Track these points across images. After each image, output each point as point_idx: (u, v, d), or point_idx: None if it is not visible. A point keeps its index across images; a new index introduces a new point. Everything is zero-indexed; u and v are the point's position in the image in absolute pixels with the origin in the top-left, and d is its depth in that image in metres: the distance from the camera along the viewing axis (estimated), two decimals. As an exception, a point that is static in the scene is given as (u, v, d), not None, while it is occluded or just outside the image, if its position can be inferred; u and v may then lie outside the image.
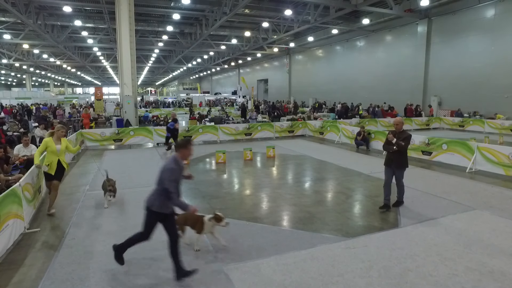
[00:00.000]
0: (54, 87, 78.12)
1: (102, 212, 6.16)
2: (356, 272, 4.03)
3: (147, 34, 32.16)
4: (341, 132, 14.73)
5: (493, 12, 19.22)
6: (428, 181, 8.18)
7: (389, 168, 6.13)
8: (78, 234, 5.17)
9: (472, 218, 5.71)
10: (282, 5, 23.03)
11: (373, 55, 28.18)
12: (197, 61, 50.27)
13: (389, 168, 6.14)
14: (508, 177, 8.39)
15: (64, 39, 29.70)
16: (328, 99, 32.27)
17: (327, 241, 4.87)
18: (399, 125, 6.10)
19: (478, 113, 20.06)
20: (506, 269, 4.08)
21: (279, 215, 6.05)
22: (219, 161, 10.50)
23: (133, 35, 18.73)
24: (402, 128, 6.11)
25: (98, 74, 64.96)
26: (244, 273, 4.02)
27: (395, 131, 6.12)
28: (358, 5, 18.97)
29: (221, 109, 30.14)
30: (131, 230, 5.21)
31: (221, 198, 7.00)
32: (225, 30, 30.72)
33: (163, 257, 4.38)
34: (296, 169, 9.98)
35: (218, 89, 70.31)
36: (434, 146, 10.59)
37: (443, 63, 22.08)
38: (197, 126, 15.59)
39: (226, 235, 5.06)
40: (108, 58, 44.05)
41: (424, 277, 3.92)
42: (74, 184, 8.23)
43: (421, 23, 23.06)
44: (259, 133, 15.97)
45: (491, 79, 19.32)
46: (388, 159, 6.20)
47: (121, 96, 19.46)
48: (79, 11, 24.45)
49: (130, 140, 14.24)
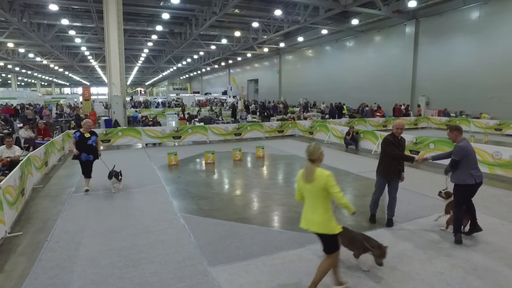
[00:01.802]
0: (41, 87, 76.69)
1: (88, 214, 6.05)
2: (345, 273, 4.02)
3: (136, 33, 31.83)
4: (330, 131, 14.80)
5: (477, 14, 19.60)
6: (415, 180, 8.26)
7: (385, 179, 5.45)
8: (63, 237, 5.05)
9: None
10: (272, 5, 23.06)
11: (362, 56, 28.43)
12: (187, 61, 49.98)
13: (384, 179, 5.46)
14: (492, 175, 8.53)
15: (50, 38, 29.16)
16: (318, 99, 32.46)
17: (315, 241, 4.81)
18: (402, 130, 5.41)
19: (464, 113, 20.43)
20: (490, 265, 4.14)
21: (268, 215, 6.03)
22: (208, 162, 10.44)
23: (122, 34, 18.49)
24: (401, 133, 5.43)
25: (86, 74, 64.04)
26: (231, 274, 3.99)
27: (396, 136, 5.39)
28: (347, 5, 19.12)
29: (211, 109, 29.99)
30: (117, 233, 5.17)
31: (210, 199, 6.94)
32: (215, 30, 30.62)
33: (150, 260, 4.32)
34: (285, 169, 9.99)
35: (209, 89, 70.07)
36: (422, 145, 10.71)
37: (431, 64, 22.41)
38: (186, 127, 15.47)
39: (213, 236, 5.03)
40: (96, 57, 43.41)
41: (411, 276, 3.94)
42: (59, 186, 8.07)
43: (409, 24, 23.37)
44: (248, 133, 15.94)
45: (476, 80, 19.69)
46: (393, 169, 5.37)
47: (110, 96, 19.20)
48: (66, 9, 24.05)
49: (119, 141, 14.06)
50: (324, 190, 3.29)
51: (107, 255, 4.48)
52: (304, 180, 3.39)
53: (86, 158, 7.30)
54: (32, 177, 7.56)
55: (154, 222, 5.64)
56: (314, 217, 3.36)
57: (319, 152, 3.37)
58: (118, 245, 4.78)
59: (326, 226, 3.32)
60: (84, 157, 7.26)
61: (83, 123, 7.44)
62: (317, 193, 3.33)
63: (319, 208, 3.34)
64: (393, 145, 5.34)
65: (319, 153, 3.36)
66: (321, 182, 3.28)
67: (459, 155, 4.73)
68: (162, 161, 10.67)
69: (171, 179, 8.67)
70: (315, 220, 3.34)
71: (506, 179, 8.36)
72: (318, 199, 3.33)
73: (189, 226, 5.42)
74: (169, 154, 10.29)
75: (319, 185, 3.29)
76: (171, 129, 14.87)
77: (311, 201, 3.40)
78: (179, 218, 5.83)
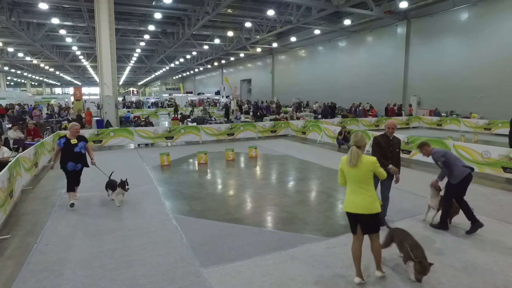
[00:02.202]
0: (31, 87, 75.60)
1: (79, 216, 5.98)
2: (336, 271, 4.05)
3: (128, 33, 31.57)
4: (323, 131, 14.86)
5: (466, 15, 19.88)
6: (406, 180, 8.31)
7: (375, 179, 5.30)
8: (53, 239, 4.98)
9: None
10: (265, 5, 23.07)
11: (354, 56, 28.62)
12: (179, 61, 49.76)
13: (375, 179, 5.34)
14: (481, 174, 8.66)
15: (41, 38, 28.76)
16: (311, 99, 32.57)
17: (307, 241, 4.88)
18: (394, 129, 5.28)
19: (454, 113, 20.70)
20: (480, 263, 4.20)
21: (260, 215, 6.03)
22: (201, 162, 10.40)
23: (113, 34, 18.34)
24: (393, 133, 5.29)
25: (78, 74, 63.35)
26: (223, 275, 3.97)
27: (387, 136, 5.28)
28: (340, 6, 19.22)
29: (204, 109, 29.88)
30: (109, 235, 5.12)
31: (202, 199, 6.92)
32: (207, 30, 30.51)
33: (141, 261, 4.29)
34: (278, 169, 10.00)
35: (201, 89, 69.84)
36: (413, 144, 10.82)
37: (422, 64, 22.66)
38: (179, 127, 15.40)
39: (206, 237, 5.02)
40: (88, 57, 42.96)
41: (402, 274, 3.97)
42: (50, 187, 7.97)
43: (401, 24, 23.58)
44: (241, 133, 15.93)
45: (466, 80, 19.97)
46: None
47: (101, 96, 19.02)
48: (56, 8, 23.72)
49: (110, 141, 13.93)
50: (369, 173, 3.64)
51: (98, 257, 4.43)
52: (349, 164, 3.68)
53: (73, 167, 6.32)
54: (21, 179, 7.45)
55: (146, 223, 5.60)
56: (359, 200, 3.65)
57: (364, 140, 3.74)
58: (109, 246, 4.73)
59: (372, 207, 3.63)
60: (70, 166, 6.27)
61: (69, 127, 6.53)
62: (362, 177, 3.64)
63: (364, 190, 3.64)
64: (379, 146, 5.24)
65: (364, 141, 3.73)
66: (367, 167, 3.63)
67: (440, 154, 5.21)
68: (155, 161, 10.60)
69: (163, 179, 8.61)
70: (360, 203, 3.64)
71: (494, 177, 8.50)
72: (363, 183, 3.65)
73: (181, 227, 5.39)
74: (161, 155, 10.23)
75: (365, 169, 3.63)
76: (163, 130, 14.79)
77: (355, 184, 3.69)
78: (171, 219, 5.79)
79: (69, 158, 6.27)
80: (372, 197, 3.65)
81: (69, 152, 6.27)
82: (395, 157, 5.29)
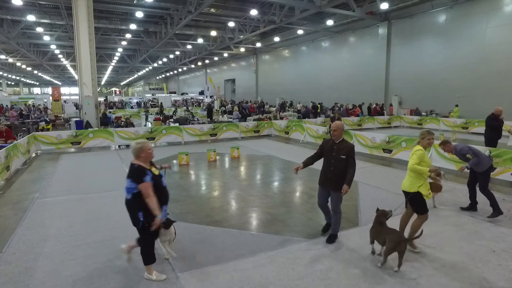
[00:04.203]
0: (7, 87, 72.95)
1: (52, 221, 5.72)
2: (315, 274, 4.00)
3: (109, 32, 30.90)
4: (306, 131, 14.89)
5: (444, 17, 20.39)
6: (388, 179, 8.43)
7: (325, 189, 4.77)
8: (21, 247, 4.73)
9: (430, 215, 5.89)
10: (248, 5, 22.99)
11: (337, 56, 28.90)
12: (163, 60, 49.10)
13: (324, 189, 4.79)
14: (460, 173, 8.81)
15: (16, 35, 27.71)
16: (295, 99, 32.70)
17: (287, 243, 4.81)
18: (338, 132, 4.64)
19: (434, 112, 21.17)
20: (457, 262, 4.23)
21: (241, 218, 5.93)
22: (182, 163, 10.21)
23: (93, 32, 17.82)
24: (341, 135, 4.68)
25: (57, 73, 61.53)
26: (200, 281, 3.86)
27: (333, 140, 4.69)
28: (322, 6, 19.35)
29: (187, 109, 29.53)
30: (82, 241, 4.92)
31: (182, 201, 6.76)
32: (191, 30, 30.21)
33: (115, 269, 4.12)
34: (261, 169, 9.92)
35: (185, 89, 69.19)
36: (394, 144, 10.95)
37: (403, 64, 23.08)
38: (160, 127, 15.12)
39: (183, 241, 4.87)
40: (68, 56, 41.77)
41: (382, 277, 3.95)
42: (22, 191, 7.62)
43: (382, 25, 23.95)
44: (224, 133, 15.78)
45: (445, 80, 20.47)
46: (323, 179, 4.75)
47: (81, 96, 18.47)
48: (32, 5, 22.91)
49: (90, 143, 13.52)
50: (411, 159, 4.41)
51: (70, 265, 4.23)
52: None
53: (165, 214, 4.08)
54: (-9, 183, 7.10)
55: (123, 228, 5.40)
56: (405, 180, 4.51)
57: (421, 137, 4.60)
58: (82, 253, 4.53)
59: (407, 186, 4.45)
60: (164, 213, 3.97)
61: (140, 148, 3.75)
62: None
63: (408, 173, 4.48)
64: (321, 148, 4.83)
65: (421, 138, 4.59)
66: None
67: (466, 147, 5.86)
68: (134, 163, 10.33)
69: (143, 182, 8.38)
70: (404, 182, 4.51)
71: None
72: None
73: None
74: (141, 156, 9.96)
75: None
76: (145, 130, 14.48)
77: None
78: (149, 223, 5.61)
79: (161, 199, 3.81)
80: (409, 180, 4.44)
81: (160, 190, 3.85)
82: (340, 165, 4.55)
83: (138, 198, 3.66)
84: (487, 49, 18.32)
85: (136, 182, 3.63)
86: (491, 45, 18.15)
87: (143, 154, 3.75)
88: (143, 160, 3.77)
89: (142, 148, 3.74)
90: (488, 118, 9.70)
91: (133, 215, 3.76)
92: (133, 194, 3.68)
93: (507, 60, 17.44)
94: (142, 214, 3.69)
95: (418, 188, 4.33)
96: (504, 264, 4.20)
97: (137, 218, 3.73)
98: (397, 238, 4.10)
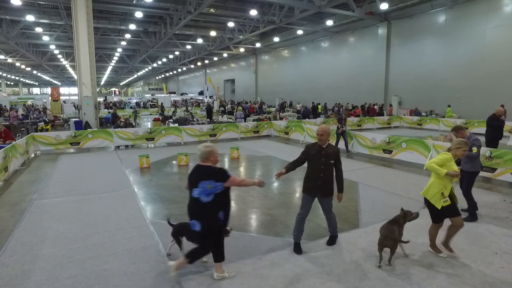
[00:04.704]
0: (6, 87, 72.85)
1: (50, 223, 5.67)
2: (316, 277, 3.95)
3: (109, 32, 30.83)
4: (305, 132, 14.85)
5: (444, 17, 20.37)
6: (388, 180, 8.37)
7: (312, 197, 4.47)
8: (18, 250, 4.68)
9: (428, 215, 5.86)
10: (248, 5, 22.96)
11: (337, 56, 28.88)
12: (162, 61, 49.05)
13: (311, 197, 4.47)
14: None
15: (15, 35, 27.68)
16: (294, 99, 32.68)
17: (288, 245, 4.76)
18: (325, 136, 4.37)
19: (434, 112, 21.14)
20: (457, 263, 4.19)
21: (241, 219, 5.88)
22: (181, 164, 10.17)
23: (92, 32, 17.79)
24: (327, 140, 4.45)
25: (57, 74, 61.49)
26: (199, 284, 3.81)
27: (320, 145, 4.41)
28: (322, 6, 19.32)
29: (186, 110, 29.47)
30: (81, 242, 4.87)
31: (181, 203, 6.69)
32: (190, 30, 30.18)
33: (113, 271, 4.07)
34: (260, 170, 9.88)
35: (185, 89, 69.15)
36: (394, 144, 10.91)
37: (402, 65, 23.06)
38: (160, 128, 15.08)
39: (183, 243, 4.81)
40: (67, 56, 41.72)
41: (383, 278, 3.91)
42: (20, 192, 7.57)
43: (381, 25, 23.93)
44: (224, 134, 15.74)
45: (445, 80, 20.46)
46: (312, 186, 4.42)
47: (80, 97, 18.42)
48: (31, 5, 22.87)
49: (89, 143, 13.48)
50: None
51: (68, 267, 4.18)
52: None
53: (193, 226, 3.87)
54: (-11, 184, 7.05)
55: (121, 229, 5.37)
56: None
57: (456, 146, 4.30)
58: (80, 256, 4.48)
59: (424, 190, 4.36)
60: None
61: (210, 151, 3.75)
62: None
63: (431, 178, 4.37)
64: (307, 154, 4.50)
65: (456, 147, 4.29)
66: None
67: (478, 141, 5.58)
68: (134, 164, 10.30)
69: (142, 182, 8.36)
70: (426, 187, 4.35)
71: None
72: None
73: (158, 233, 5.18)
74: (140, 157, 9.94)
75: None
76: (144, 131, 14.44)
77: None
78: (149, 224, 5.58)
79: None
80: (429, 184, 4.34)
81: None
82: (329, 170, 4.39)
83: (220, 197, 3.69)
84: (487, 49, 18.31)
85: (222, 180, 3.66)
86: (491, 45, 18.14)
87: (212, 158, 3.76)
88: (211, 163, 3.78)
89: (211, 151, 3.76)
90: (489, 118, 9.69)
91: (212, 217, 3.68)
92: (215, 195, 3.65)
93: (507, 61, 17.43)
94: (223, 213, 3.73)
95: (432, 197, 4.21)
96: (507, 266, 4.17)
97: (216, 218, 3.69)
98: (385, 232, 4.18)
